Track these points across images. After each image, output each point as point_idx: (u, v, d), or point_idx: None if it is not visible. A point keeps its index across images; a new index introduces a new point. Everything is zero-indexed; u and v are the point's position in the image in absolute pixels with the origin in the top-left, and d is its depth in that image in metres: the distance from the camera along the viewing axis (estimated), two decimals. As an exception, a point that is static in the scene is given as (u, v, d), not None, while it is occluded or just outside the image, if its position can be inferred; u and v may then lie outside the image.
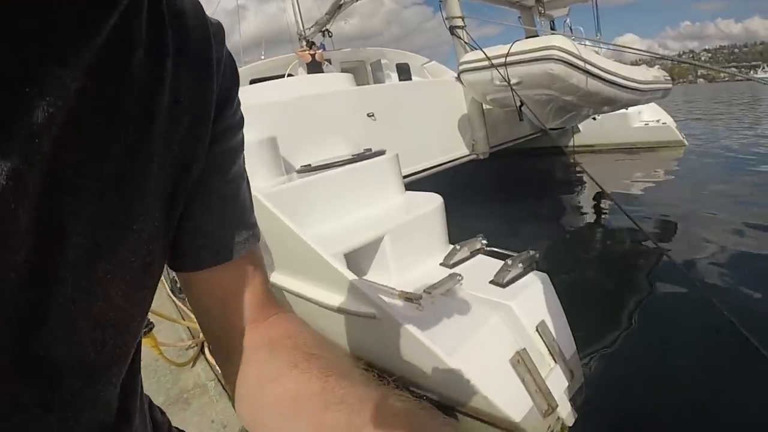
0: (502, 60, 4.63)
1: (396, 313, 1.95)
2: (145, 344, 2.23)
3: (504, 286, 2.19)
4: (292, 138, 4.05)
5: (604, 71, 4.52)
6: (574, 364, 2.01)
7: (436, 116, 5.73)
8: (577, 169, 7.41)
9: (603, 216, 5.06)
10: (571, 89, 4.50)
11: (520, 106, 4.87)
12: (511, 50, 4.61)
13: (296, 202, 2.91)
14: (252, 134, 3.55)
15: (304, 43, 8.87)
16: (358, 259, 2.68)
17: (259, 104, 4.38)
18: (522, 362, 1.79)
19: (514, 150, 6.90)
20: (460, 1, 5.79)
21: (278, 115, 4.19)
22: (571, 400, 1.88)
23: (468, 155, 6.02)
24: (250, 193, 0.48)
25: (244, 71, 7.89)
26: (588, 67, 4.36)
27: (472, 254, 2.74)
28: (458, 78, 5.71)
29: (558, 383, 1.87)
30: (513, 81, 4.61)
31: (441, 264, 2.70)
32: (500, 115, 6.17)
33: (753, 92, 31.20)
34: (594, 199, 5.59)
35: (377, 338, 2.17)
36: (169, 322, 3.07)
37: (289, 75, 7.09)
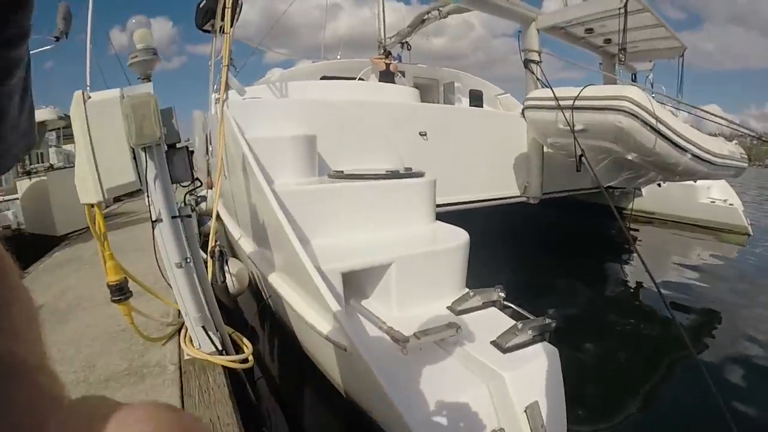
0: (570, 103, 4.35)
1: (368, 353, 1.76)
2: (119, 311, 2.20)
3: (504, 351, 1.95)
4: (336, 140, 3.96)
5: (676, 134, 4.16)
6: (561, 460, 1.75)
7: (492, 149, 5.51)
8: (632, 236, 6.96)
9: (642, 298, 4.62)
10: (637, 147, 4.17)
11: (581, 156, 4.57)
12: (581, 94, 4.33)
13: (316, 206, 2.78)
14: (290, 129, 3.47)
15: (382, 51, 8.82)
16: (360, 280, 2.51)
17: (308, 101, 4.33)
18: (496, 445, 1.56)
19: (567, 201, 6.52)
20: (539, 36, 5.55)
21: (326, 115, 4.09)
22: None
23: (518, 197, 5.76)
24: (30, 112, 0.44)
25: (317, 67, 7.94)
26: (659, 126, 4.02)
27: (485, 305, 2.50)
28: (522, 114, 5.45)
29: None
30: (577, 127, 4.32)
31: (448, 308, 2.48)
32: (560, 160, 5.87)
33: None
34: (637, 279, 5.14)
35: (349, 371, 2.03)
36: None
37: (360, 79, 7.02)
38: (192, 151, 2.14)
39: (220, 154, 3.32)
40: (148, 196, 1.99)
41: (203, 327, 2.25)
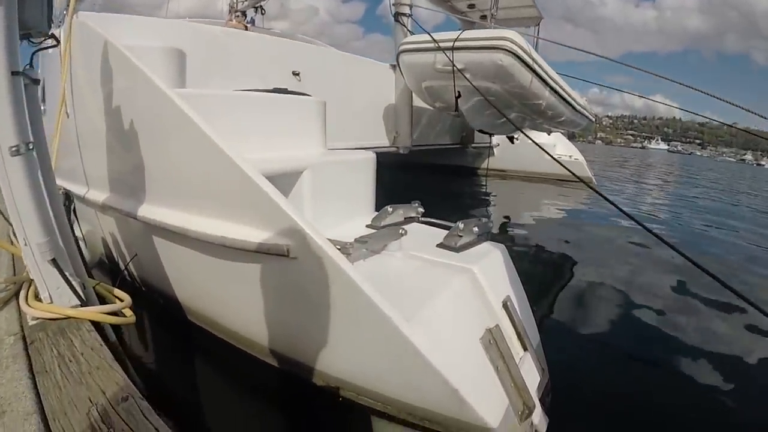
0: (450, 44, 4.24)
1: (326, 247, 1.30)
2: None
3: (457, 250, 1.68)
4: (206, 68, 3.39)
5: (548, 75, 4.34)
6: (540, 357, 1.53)
7: (363, 98, 5.29)
8: (489, 191, 7.39)
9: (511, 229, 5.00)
10: (514, 85, 4.20)
11: (458, 97, 4.51)
12: (461, 36, 4.24)
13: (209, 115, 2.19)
14: (159, 43, 2.79)
15: (235, 14, 8.00)
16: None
17: (178, 24, 3.67)
18: (494, 344, 1.28)
19: (432, 165, 6.78)
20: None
21: (198, 41, 3.49)
22: (541, 400, 1.38)
23: (389, 147, 5.63)
24: None
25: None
26: (536, 66, 4.12)
27: (407, 221, 2.22)
28: (395, 64, 5.25)
29: (531, 377, 1.37)
30: (457, 67, 4.24)
31: (368, 226, 2.14)
32: (427, 114, 5.92)
33: (642, 157, 42.06)
34: (505, 218, 5.58)
35: (293, 295, 1.48)
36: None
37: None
38: None
39: (63, 80, 2.54)
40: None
41: (54, 261, 1.44)
